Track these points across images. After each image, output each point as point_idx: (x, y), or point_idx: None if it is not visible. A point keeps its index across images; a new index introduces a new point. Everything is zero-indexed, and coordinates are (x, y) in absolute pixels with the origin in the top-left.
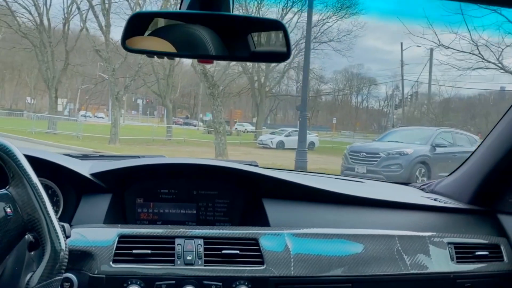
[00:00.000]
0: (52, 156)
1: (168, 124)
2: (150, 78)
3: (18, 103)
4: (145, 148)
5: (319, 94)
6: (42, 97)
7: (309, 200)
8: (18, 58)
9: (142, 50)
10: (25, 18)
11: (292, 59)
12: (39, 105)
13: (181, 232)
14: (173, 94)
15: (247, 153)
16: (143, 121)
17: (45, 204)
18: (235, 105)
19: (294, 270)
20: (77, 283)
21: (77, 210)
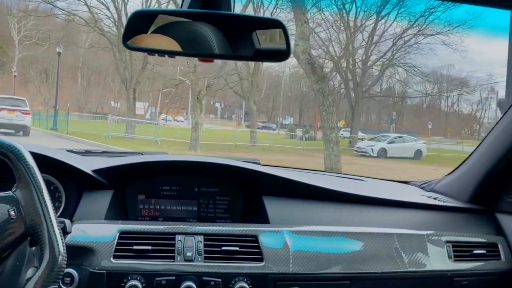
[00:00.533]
0: (54, 153)
1: (251, 129)
2: (232, 78)
3: (104, 106)
4: (228, 155)
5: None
6: (126, 101)
7: (309, 198)
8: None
9: (143, 48)
10: (103, 15)
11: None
12: (122, 108)
13: (181, 228)
14: (258, 95)
15: (349, 163)
16: (222, 124)
17: (49, 211)
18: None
19: (293, 267)
20: (78, 278)
21: (78, 206)
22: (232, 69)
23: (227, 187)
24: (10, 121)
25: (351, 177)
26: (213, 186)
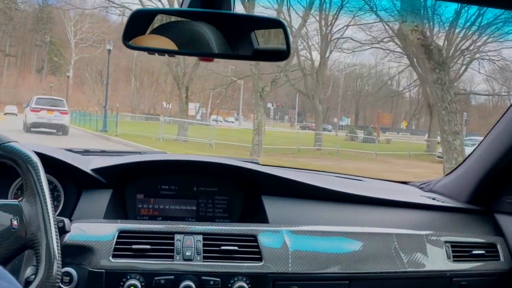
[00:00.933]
0: (54, 151)
1: (317, 131)
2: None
3: (156, 107)
4: (293, 161)
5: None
6: (177, 102)
7: (308, 197)
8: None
9: (144, 47)
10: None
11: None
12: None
13: (180, 228)
14: (324, 93)
15: None
16: (274, 126)
17: (50, 227)
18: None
19: (292, 267)
20: (77, 277)
21: (77, 205)
22: (293, 65)
23: (226, 186)
24: (49, 121)
25: (350, 177)
26: (212, 186)
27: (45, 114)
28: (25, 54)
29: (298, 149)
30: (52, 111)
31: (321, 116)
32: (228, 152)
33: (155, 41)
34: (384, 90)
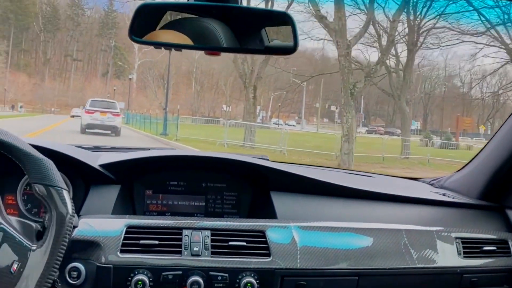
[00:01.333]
0: (62, 147)
1: (405, 136)
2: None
3: (215, 110)
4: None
5: None
6: (237, 105)
7: (317, 193)
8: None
9: (150, 42)
10: None
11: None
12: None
13: (188, 223)
14: (411, 94)
15: None
16: (337, 129)
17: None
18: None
19: (300, 263)
20: (85, 272)
21: (85, 200)
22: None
23: (235, 182)
24: (102, 122)
25: (360, 173)
26: (221, 182)
27: (99, 116)
28: (91, 58)
29: (382, 158)
30: (105, 113)
31: (408, 120)
32: (304, 160)
33: (162, 36)
34: (453, 92)
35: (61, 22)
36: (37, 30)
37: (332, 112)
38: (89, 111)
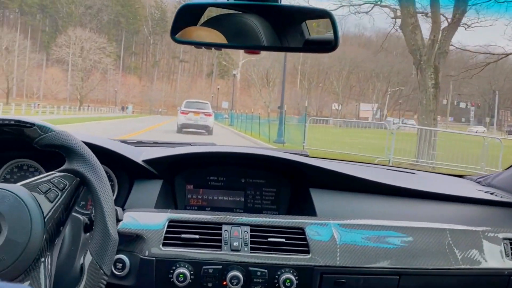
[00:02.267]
0: (108, 143)
1: None
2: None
3: (323, 109)
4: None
5: None
6: (347, 103)
7: (358, 191)
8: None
9: (191, 41)
10: None
11: None
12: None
13: (228, 219)
14: None
15: None
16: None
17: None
18: None
19: (340, 260)
20: (129, 264)
21: (129, 194)
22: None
23: (274, 178)
24: (195, 122)
25: (402, 169)
26: (260, 178)
27: (192, 116)
28: (197, 59)
29: None
30: (198, 113)
31: None
32: None
33: (203, 35)
34: None
35: (169, 24)
36: (147, 33)
37: (460, 109)
38: (184, 111)
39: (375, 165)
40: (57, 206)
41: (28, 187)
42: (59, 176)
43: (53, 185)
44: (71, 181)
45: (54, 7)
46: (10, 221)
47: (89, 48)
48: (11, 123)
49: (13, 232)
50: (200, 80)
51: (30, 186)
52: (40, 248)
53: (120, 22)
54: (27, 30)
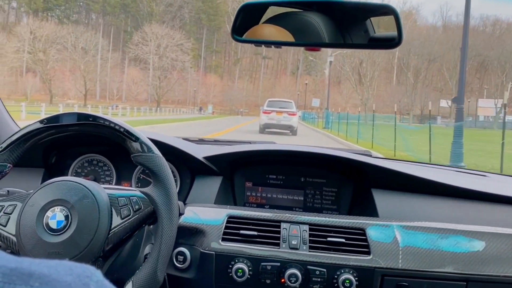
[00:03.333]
0: (171, 140)
1: None
2: None
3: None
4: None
5: None
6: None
7: (423, 192)
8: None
9: (252, 40)
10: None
11: None
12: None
13: (287, 217)
14: None
15: None
16: None
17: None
18: None
19: (402, 263)
20: (190, 257)
21: (191, 190)
22: None
23: (335, 178)
24: (278, 122)
25: (472, 172)
26: (320, 177)
27: (275, 116)
28: (281, 56)
29: None
30: (281, 113)
31: None
32: None
33: (263, 33)
34: None
35: None
36: (228, 29)
37: None
38: (266, 111)
39: (442, 166)
40: (125, 225)
41: (110, 193)
42: (138, 197)
43: (130, 203)
44: (146, 207)
45: (135, 6)
46: (80, 221)
47: (166, 45)
48: (120, 130)
49: (78, 232)
50: (284, 77)
51: (112, 195)
52: (95, 257)
53: (200, 19)
54: (109, 30)
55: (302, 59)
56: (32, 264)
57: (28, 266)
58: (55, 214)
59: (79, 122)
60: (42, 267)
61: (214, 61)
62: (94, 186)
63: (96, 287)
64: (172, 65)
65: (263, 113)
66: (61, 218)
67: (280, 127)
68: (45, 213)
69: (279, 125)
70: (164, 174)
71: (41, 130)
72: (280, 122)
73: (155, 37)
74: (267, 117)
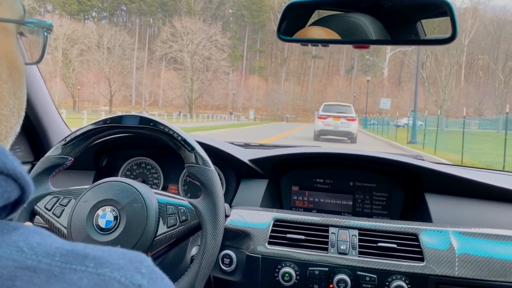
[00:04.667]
0: (218, 143)
1: None
2: None
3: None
4: None
5: None
6: None
7: (480, 197)
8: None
9: (297, 39)
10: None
11: None
12: None
13: (335, 221)
14: None
15: None
16: None
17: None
18: None
19: (459, 271)
20: (236, 260)
21: (236, 192)
22: None
23: (385, 182)
24: (335, 128)
25: None
26: (370, 181)
27: (331, 121)
28: (332, 54)
29: None
30: (338, 118)
31: None
32: None
33: (312, 32)
34: None
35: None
36: (274, 27)
37: None
38: (321, 116)
39: (500, 171)
40: (169, 234)
41: (159, 200)
42: (186, 208)
43: (178, 212)
44: (193, 219)
45: (173, 4)
46: (128, 224)
47: (199, 41)
48: (177, 138)
49: (124, 235)
50: (337, 77)
51: (161, 201)
52: None
53: (243, 15)
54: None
55: (358, 57)
56: (86, 248)
57: (83, 248)
58: (105, 214)
59: (140, 126)
60: (96, 250)
61: (258, 61)
62: (145, 191)
63: (147, 272)
64: (206, 65)
65: (318, 118)
66: (111, 218)
67: (337, 133)
68: (96, 211)
69: (336, 132)
70: (215, 189)
71: (104, 128)
72: (338, 129)
73: (185, 31)
74: (322, 123)
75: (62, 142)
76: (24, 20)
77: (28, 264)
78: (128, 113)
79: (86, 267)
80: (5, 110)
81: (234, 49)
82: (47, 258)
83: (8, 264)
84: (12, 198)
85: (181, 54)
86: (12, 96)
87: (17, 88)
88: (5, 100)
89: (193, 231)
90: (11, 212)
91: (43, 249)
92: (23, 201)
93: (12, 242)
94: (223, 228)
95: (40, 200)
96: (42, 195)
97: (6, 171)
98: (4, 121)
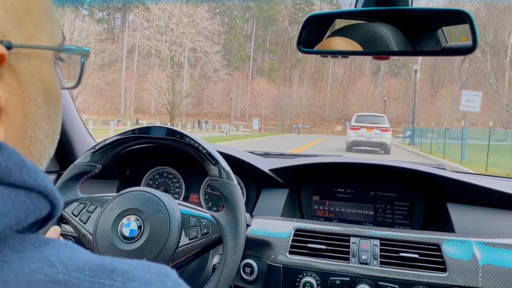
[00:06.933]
0: (238, 153)
1: None
2: None
3: None
4: None
5: None
6: None
7: (504, 207)
8: None
9: (317, 51)
10: None
11: None
12: None
13: (356, 231)
14: None
15: None
16: None
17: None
18: None
19: (483, 282)
20: (257, 269)
21: (257, 202)
22: None
23: (407, 192)
24: (368, 139)
25: None
26: (391, 191)
27: (365, 132)
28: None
29: None
30: (371, 129)
31: None
32: None
33: (332, 43)
34: None
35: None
36: (287, 22)
37: None
38: (354, 127)
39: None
40: (191, 246)
41: (182, 211)
42: (208, 220)
43: (200, 225)
44: (214, 232)
45: None
46: (151, 234)
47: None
48: (202, 151)
49: (147, 245)
50: (361, 80)
51: (184, 213)
52: None
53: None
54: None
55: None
56: (114, 261)
57: (111, 263)
58: (129, 222)
59: (166, 137)
60: (123, 265)
61: (266, 62)
62: (169, 202)
63: (172, 285)
64: (190, 60)
65: (351, 129)
66: (135, 227)
67: (370, 144)
68: (121, 220)
69: (369, 143)
70: (237, 204)
71: (131, 138)
72: (371, 139)
73: (162, 14)
74: (355, 134)
75: (92, 150)
76: (63, 47)
77: (59, 278)
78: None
79: (114, 281)
80: (39, 133)
81: (240, 48)
82: (77, 272)
83: (41, 278)
84: (43, 214)
85: (156, 44)
86: (46, 120)
87: (52, 113)
88: (40, 124)
89: (214, 244)
90: (42, 227)
91: (73, 263)
92: (53, 216)
93: (43, 256)
94: (244, 241)
95: (68, 206)
96: (70, 201)
97: (38, 188)
98: (38, 144)
